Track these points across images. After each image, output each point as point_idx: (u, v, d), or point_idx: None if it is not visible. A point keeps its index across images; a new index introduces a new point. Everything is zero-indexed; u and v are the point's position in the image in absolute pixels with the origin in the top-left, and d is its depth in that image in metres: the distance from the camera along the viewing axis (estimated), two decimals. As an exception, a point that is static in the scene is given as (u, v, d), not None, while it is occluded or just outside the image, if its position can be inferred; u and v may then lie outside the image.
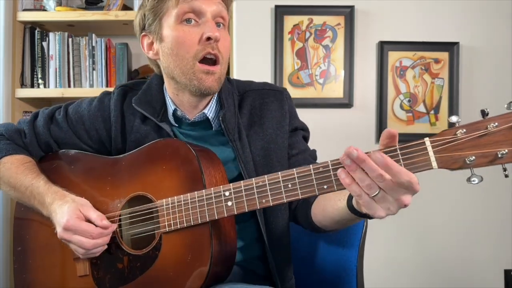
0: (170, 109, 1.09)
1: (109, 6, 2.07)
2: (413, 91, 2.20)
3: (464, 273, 2.20)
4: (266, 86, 1.15)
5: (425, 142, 0.75)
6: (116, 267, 1.02)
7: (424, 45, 2.19)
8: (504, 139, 0.71)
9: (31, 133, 1.15)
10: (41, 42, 2.05)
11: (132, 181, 1.03)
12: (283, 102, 1.13)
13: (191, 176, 0.96)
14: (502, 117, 0.72)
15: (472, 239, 2.20)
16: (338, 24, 2.19)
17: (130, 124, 1.10)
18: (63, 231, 0.97)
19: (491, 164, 0.73)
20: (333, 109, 2.20)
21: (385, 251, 2.19)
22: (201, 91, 1.01)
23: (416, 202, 2.30)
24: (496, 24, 2.19)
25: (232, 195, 0.90)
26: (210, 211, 0.92)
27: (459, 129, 0.73)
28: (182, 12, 0.99)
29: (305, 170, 0.83)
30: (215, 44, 0.99)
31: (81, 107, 1.15)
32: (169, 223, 0.95)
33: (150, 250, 0.98)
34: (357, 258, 1.18)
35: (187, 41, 0.99)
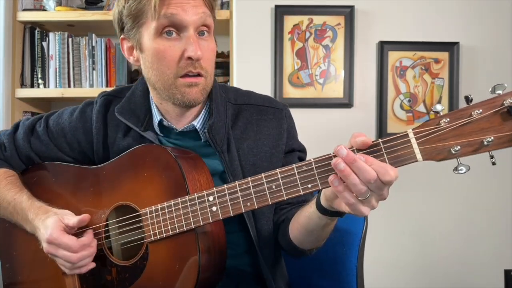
0: (156, 118, 1.03)
1: (109, 6, 2.07)
2: (413, 91, 2.20)
3: (464, 273, 2.20)
4: (266, 103, 1.09)
5: (408, 134, 0.72)
6: (105, 279, 1.00)
7: (424, 45, 2.19)
8: (489, 125, 0.68)
9: (11, 146, 1.11)
10: (41, 42, 2.05)
11: (114, 191, 1.00)
12: (282, 121, 1.08)
13: (173, 182, 0.93)
14: (486, 102, 0.70)
15: (472, 239, 2.20)
16: (338, 24, 2.19)
17: (113, 136, 1.05)
18: (48, 246, 0.95)
19: (477, 152, 0.70)
20: (333, 109, 2.20)
21: (385, 251, 2.19)
22: (185, 104, 0.96)
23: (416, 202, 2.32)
24: (496, 24, 2.19)
25: (216, 200, 0.87)
26: (195, 217, 0.89)
27: (442, 118, 0.71)
28: (162, 25, 0.91)
29: (288, 169, 0.81)
30: (197, 62, 0.93)
31: (62, 119, 1.11)
32: (154, 232, 0.93)
33: (138, 260, 0.96)
34: (357, 258, 1.18)
35: (167, 57, 0.92)
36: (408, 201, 2.20)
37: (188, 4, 0.90)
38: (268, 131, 1.06)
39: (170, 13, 0.90)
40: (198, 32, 0.94)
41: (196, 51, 0.90)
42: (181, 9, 0.90)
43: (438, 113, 0.72)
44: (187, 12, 0.90)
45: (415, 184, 2.19)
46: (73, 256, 0.94)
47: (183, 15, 0.90)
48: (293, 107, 2.17)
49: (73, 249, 0.93)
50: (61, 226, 0.95)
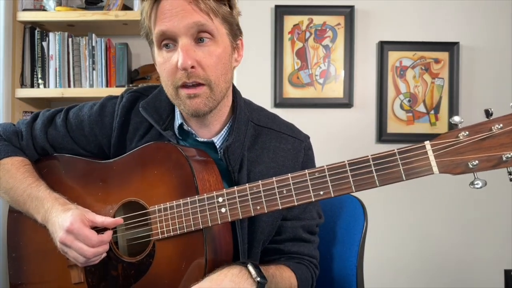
0: (177, 121, 1.03)
1: (109, 6, 2.07)
2: (413, 91, 2.20)
3: (464, 273, 2.20)
4: (288, 131, 1.07)
5: (425, 146, 0.71)
6: (110, 274, 1.00)
7: (424, 45, 2.19)
8: (509, 141, 0.68)
9: (28, 135, 1.12)
10: (41, 42, 2.05)
11: (123, 187, 1.00)
12: (299, 154, 1.05)
13: (183, 181, 0.93)
14: (507, 117, 0.68)
15: (472, 239, 2.20)
16: (338, 24, 2.19)
17: (133, 132, 1.05)
18: (66, 234, 0.93)
19: (495, 168, 0.69)
20: (333, 109, 2.20)
21: (385, 251, 2.19)
22: (190, 114, 0.96)
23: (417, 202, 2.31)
24: (496, 24, 2.19)
25: (225, 202, 0.87)
26: (204, 217, 0.88)
27: (461, 132, 0.70)
28: (159, 40, 0.92)
29: (300, 175, 0.80)
30: (191, 72, 0.90)
31: (82, 112, 1.11)
32: (161, 230, 0.93)
33: (144, 257, 0.96)
34: (357, 258, 1.18)
35: (166, 69, 0.93)
36: (408, 201, 2.20)
37: (177, 17, 0.89)
38: (283, 162, 1.03)
39: (161, 30, 0.91)
40: (197, 39, 0.92)
41: (184, 61, 0.89)
42: (170, 24, 0.90)
43: (457, 125, 0.71)
44: (175, 25, 0.89)
45: (415, 184, 2.19)
46: (89, 251, 0.94)
47: (172, 28, 0.90)
48: (293, 107, 2.19)
49: (92, 243, 0.93)
50: (83, 219, 0.95)
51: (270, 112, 1.12)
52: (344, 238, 1.21)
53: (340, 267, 1.20)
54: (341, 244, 1.21)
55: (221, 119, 1.03)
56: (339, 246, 1.22)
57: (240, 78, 2.14)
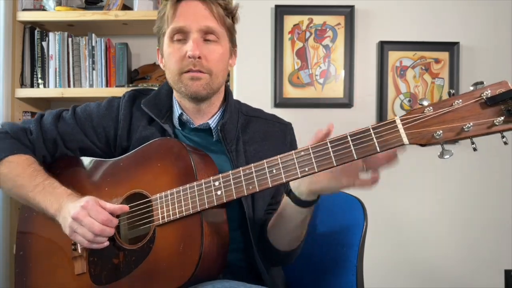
0: (177, 112, 1.16)
1: (109, 6, 2.07)
2: (413, 91, 2.20)
3: (464, 273, 2.20)
4: (274, 118, 1.24)
5: (395, 120, 0.81)
6: (112, 263, 1.04)
7: (424, 45, 2.19)
8: (469, 114, 0.76)
9: (38, 129, 1.17)
10: (41, 42, 2.05)
11: (129, 180, 1.07)
12: (286, 134, 1.22)
13: (183, 171, 1.01)
14: (466, 94, 0.77)
15: (472, 239, 2.20)
16: (338, 24, 2.19)
17: (137, 123, 1.17)
18: (80, 209, 0.99)
19: (458, 137, 0.77)
20: (333, 109, 2.20)
21: (385, 251, 2.19)
22: (188, 95, 1.11)
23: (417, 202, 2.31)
24: (496, 24, 2.19)
25: (221, 184, 0.95)
26: (201, 200, 0.96)
27: (426, 108, 0.79)
28: (172, 32, 1.09)
29: (287, 155, 0.90)
30: (197, 61, 1.07)
31: (89, 107, 1.21)
32: (162, 216, 0.99)
33: (145, 243, 1.01)
34: (357, 258, 1.18)
35: (175, 57, 1.09)
36: (408, 201, 2.20)
37: (193, 17, 1.08)
38: (273, 141, 1.19)
39: (177, 26, 1.09)
40: (204, 38, 1.09)
41: (193, 50, 1.06)
42: (187, 20, 1.08)
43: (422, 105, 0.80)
44: (190, 23, 1.08)
45: (415, 184, 2.19)
46: (98, 226, 0.99)
47: (187, 26, 1.08)
48: (293, 107, 2.19)
49: (101, 219, 0.99)
50: (96, 200, 1.02)
51: (254, 107, 1.28)
52: (344, 238, 1.21)
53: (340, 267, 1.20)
54: (341, 244, 1.22)
55: (214, 109, 1.18)
56: (339, 246, 1.22)
57: (240, 78, 2.14)
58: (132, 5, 2.09)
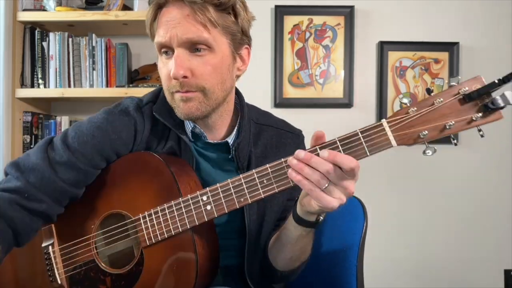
0: (189, 125, 1.03)
1: (109, 6, 2.07)
2: (413, 91, 2.20)
3: (464, 273, 2.20)
4: (285, 127, 1.14)
5: (382, 124, 0.82)
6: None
7: (424, 45, 2.19)
8: (449, 111, 0.79)
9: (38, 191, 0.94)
10: (41, 42, 2.05)
11: (104, 200, 0.99)
12: (300, 146, 1.13)
13: (165, 186, 0.94)
14: (445, 92, 0.79)
15: (472, 239, 2.20)
16: (338, 24, 2.19)
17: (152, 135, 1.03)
18: None
19: (442, 135, 0.79)
20: (333, 109, 2.20)
21: (385, 251, 2.19)
22: (182, 117, 0.97)
23: (417, 202, 2.31)
24: (496, 24, 2.19)
25: (210, 199, 0.89)
26: (190, 217, 0.90)
27: (410, 108, 0.81)
28: (158, 47, 0.95)
29: (278, 163, 0.86)
30: (183, 81, 0.92)
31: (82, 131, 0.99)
32: (149, 236, 0.93)
33: (133, 266, 0.95)
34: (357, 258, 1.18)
35: (163, 74, 0.96)
36: (408, 201, 2.20)
37: (174, 29, 0.91)
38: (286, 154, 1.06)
39: (158, 42, 0.94)
40: (192, 49, 0.93)
41: (176, 70, 0.91)
42: (167, 36, 0.92)
43: (406, 104, 0.82)
44: (171, 37, 0.92)
45: (415, 184, 2.19)
46: None
47: (168, 41, 0.92)
48: (293, 107, 2.19)
49: None
50: None
51: (262, 110, 1.17)
52: (344, 238, 1.21)
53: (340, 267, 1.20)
54: (341, 244, 1.22)
55: (226, 123, 1.05)
56: (339, 246, 1.22)
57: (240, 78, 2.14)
58: (132, 5, 2.09)
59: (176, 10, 0.92)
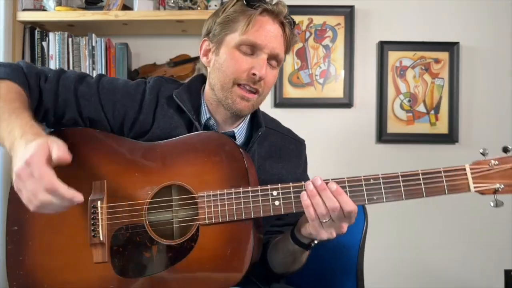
0: (204, 115, 1.12)
1: (109, 6, 2.07)
2: (413, 91, 2.20)
3: (464, 273, 2.20)
4: (290, 134, 1.22)
5: (465, 168, 0.91)
6: (142, 255, 0.97)
7: (424, 45, 2.19)
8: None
9: (55, 80, 1.06)
10: (41, 42, 2.05)
11: (167, 170, 1.01)
12: (302, 153, 1.21)
13: (235, 173, 0.98)
14: None
15: (472, 239, 2.20)
16: (338, 24, 2.19)
17: (162, 112, 1.09)
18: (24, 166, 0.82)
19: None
20: (333, 109, 2.20)
21: (385, 251, 2.19)
22: (231, 110, 1.07)
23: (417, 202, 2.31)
24: (496, 24, 2.19)
25: (280, 196, 0.94)
26: (256, 208, 0.94)
27: (491, 161, 0.90)
28: (244, 43, 1.05)
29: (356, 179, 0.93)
30: (258, 81, 1.05)
31: (117, 81, 1.13)
32: (209, 216, 0.95)
33: (186, 241, 0.96)
34: (357, 258, 1.18)
35: (236, 65, 1.05)
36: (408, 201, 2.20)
37: (273, 39, 1.05)
38: (289, 159, 1.17)
39: (254, 41, 1.04)
40: (268, 61, 1.07)
41: (261, 71, 1.04)
42: (265, 40, 1.05)
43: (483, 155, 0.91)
44: (269, 43, 1.05)
45: (415, 184, 2.19)
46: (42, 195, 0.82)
47: (264, 44, 1.05)
48: (293, 107, 2.19)
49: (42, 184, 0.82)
50: (45, 152, 0.84)
51: (270, 116, 1.25)
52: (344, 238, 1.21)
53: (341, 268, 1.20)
54: (341, 244, 1.22)
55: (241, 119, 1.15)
56: (339, 246, 1.22)
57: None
58: (132, 5, 2.09)
59: (272, 24, 1.06)
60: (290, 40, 1.10)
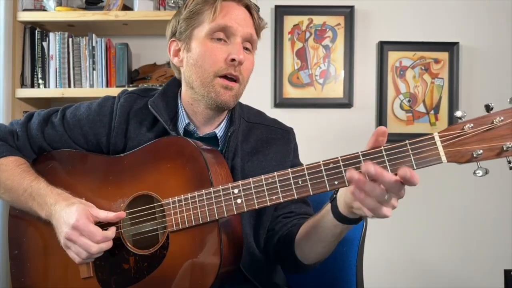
0: (183, 121, 1.09)
1: (109, 6, 2.07)
2: (413, 91, 2.20)
3: (464, 273, 2.20)
4: (276, 124, 1.18)
5: (434, 137, 0.76)
6: (122, 267, 1.00)
7: (424, 45, 2.19)
8: (509, 132, 0.73)
9: (24, 135, 1.13)
10: (41, 42, 2.05)
11: (135, 181, 1.02)
12: (289, 141, 1.17)
13: (197, 174, 0.96)
14: (507, 111, 0.74)
15: (472, 239, 2.20)
16: (338, 24, 2.19)
17: (135, 131, 1.09)
18: (72, 230, 0.95)
19: (498, 157, 0.74)
20: (333, 109, 2.20)
21: (385, 251, 2.19)
22: (217, 104, 1.04)
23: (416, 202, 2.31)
24: (496, 24, 2.19)
25: (241, 193, 0.90)
26: (219, 208, 0.91)
27: (466, 124, 0.75)
28: (214, 29, 1.03)
29: (315, 165, 0.83)
30: (238, 66, 1.03)
31: (79, 111, 1.14)
32: (176, 222, 0.95)
33: (158, 249, 0.97)
34: (357, 257, 1.18)
35: (212, 56, 1.02)
36: (408, 201, 2.20)
37: (242, 21, 1.04)
38: (277, 149, 1.13)
39: (225, 24, 1.02)
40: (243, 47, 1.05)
41: (239, 54, 1.01)
42: (236, 23, 1.03)
43: (459, 119, 0.76)
44: (239, 26, 1.03)
45: (415, 184, 2.19)
46: (94, 247, 0.95)
47: (235, 27, 1.03)
48: (293, 107, 2.19)
49: (96, 239, 0.95)
50: (87, 214, 0.97)
51: (256, 109, 1.22)
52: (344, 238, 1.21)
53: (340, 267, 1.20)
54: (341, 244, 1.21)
55: (222, 117, 1.12)
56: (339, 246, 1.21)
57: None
58: (132, 5, 2.09)
59: (238, 8, 1.05)
60: (259, 23, 1.09)
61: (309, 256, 1.01)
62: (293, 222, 1.08)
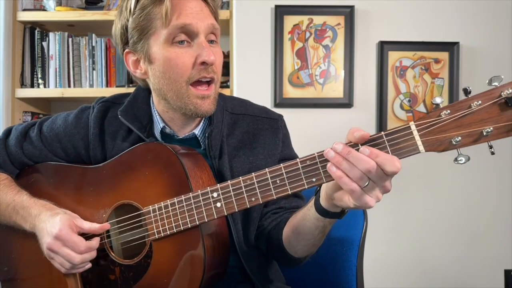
0: (158, 126, 1.05)
1: (109, 6, 2.07)
2: (413, 91, 2.20)
3: (464, 273, 2.20)
4: (262, 114, 1.11)
5: (410, 127, 0.74)
6: (108, 278, 1.00)
7: (424, 45, 2.19)
8: (488, 116, 0.70)
9: (3, 152, 1.11)
10: (41, 42, 2.05)
11: (115, 190, 1.00)
12: (277, 131, 1.09)
13: (176, 180, 0.93)
14: (484, 94, 0.71)
15: (472, 239, 2.20)
16: (338, 24, 2.19)
17: (111, 142, 1.06)
18: (54, 241, 0.94)
19: (477, 142, 0.71)
20: (333, 109, 2.20)
21: (385, 251, 2.19)
22: (198, 115, 0.99)
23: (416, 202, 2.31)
24: (496, 24, 2.19)
25: (220, 196, 0.88)
26: (199, 214, 0.89)
27: (443, 110, 0.72)
28: (173, 33, 0.93)
29: (292, 164, 0.82)
30: (211, 67, 0.95)
31: (56, 124, 1.10)
32: (158, 230, 0.93)
33: (142, 258, 0.96)
34: (357, 257, 1.18)
35: (180, 63, 0.94)
36: (408, 201, 2.20)
37: (200, 14, 0.94)
38: (264, 141, 1.07)
39: (183, 23, 0.93)
40: (208, 40, 0.96)
41: (209, 56, 0.93)
42: (193, 18, 0.93)
43: (438, 105, 0.73)
44: (198, 21, 0.94)
45: (415, 184, 2.19)
46: (77, 257, 0.94)
47: (195, 23, 0.93)
48: (293, 107, 2.19)
49: (79, 249, 0.94)
50: (71, 225, 0.95)
51: (241, 99, 1.15)
52: (344, 238, 1.21)
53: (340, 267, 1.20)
54: (341, 244, 1.22)
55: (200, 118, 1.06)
56: (339, 246, 1.22)
57: (240, 78, 2.14)
58: (132, 5, 2.09)
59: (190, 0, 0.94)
60: (215, 8, 0.98)
61: (296, 250, 0.99)
62: (282, 216, 1.05)
